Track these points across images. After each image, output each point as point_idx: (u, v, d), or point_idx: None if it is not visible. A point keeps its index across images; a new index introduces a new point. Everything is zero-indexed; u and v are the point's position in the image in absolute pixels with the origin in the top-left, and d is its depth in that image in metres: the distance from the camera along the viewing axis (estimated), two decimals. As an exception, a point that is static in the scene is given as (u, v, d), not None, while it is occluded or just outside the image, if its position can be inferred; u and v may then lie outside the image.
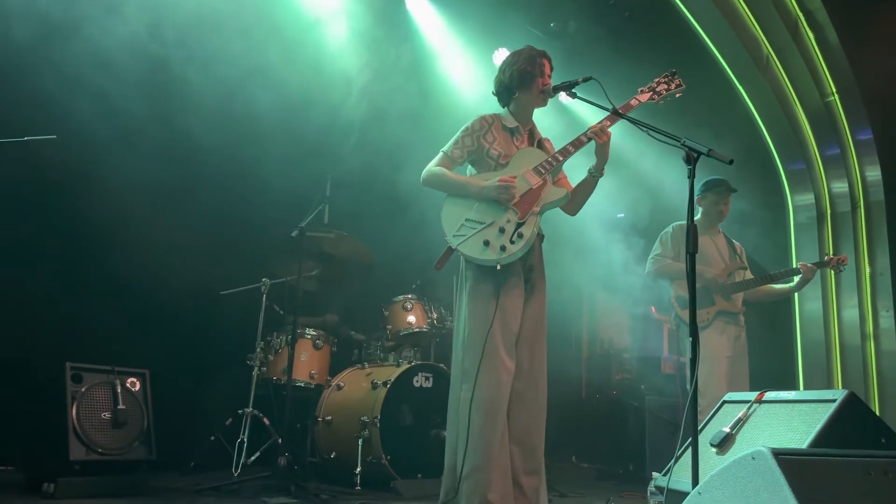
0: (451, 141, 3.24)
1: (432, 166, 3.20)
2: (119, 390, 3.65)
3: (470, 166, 3.32)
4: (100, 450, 3.51)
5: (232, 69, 4.60)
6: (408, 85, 5.46)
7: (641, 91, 3.26)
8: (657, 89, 3.24)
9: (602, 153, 3.18)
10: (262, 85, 4.72)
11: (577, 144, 3.18)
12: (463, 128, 3.26)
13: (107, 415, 3.59)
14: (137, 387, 3.78)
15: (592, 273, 6.14)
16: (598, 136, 3.13)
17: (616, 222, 6.50)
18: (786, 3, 5.76)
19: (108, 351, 3.89)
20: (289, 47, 4.92)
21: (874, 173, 5.94)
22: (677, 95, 3.24)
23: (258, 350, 4.46)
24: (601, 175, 3.23)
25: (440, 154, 3.22)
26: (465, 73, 5.63)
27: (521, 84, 3.27)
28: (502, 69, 3.35)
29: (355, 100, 5.15)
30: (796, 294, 5.88)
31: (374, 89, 5.24)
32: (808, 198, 6.18)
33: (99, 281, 4.40)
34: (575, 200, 3.28)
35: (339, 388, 4.63)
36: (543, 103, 3.32)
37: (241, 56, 4.64)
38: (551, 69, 3.33)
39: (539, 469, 3.12)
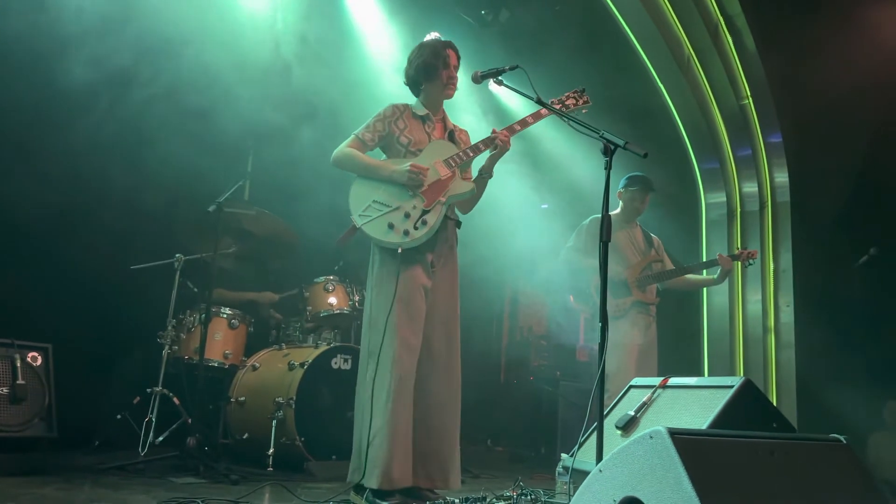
0: (364, 125, 3.32)
1: (343, 147, 3.27)
2: (18, 364, 3.48)
3: (381, 152, 3.39)
4: (-4, 426, 3.36)
5: (150, 38, 4.43)
6: (333, 66, 5.38)
7: (552, 102, 3.37)
8: (566, 102, 3.38)
9: (500, 157, 3.33)
10: (182, 55, 4.56)
11: (487, 143, 3.30)
12: (375, 113, 3.34)
13: (4, 390, 3.42)
14: (39, 361, 3.62)
15: (515, 262, 6.24)
16: (505, 144, 3.28)
17: (540, 212, 6.63)
18: (708, 7, 5.96)
19: (9, 324, 3.69)
20: (210, 19, 4.77)
21: (782, 175, 6.25)
22: (583, 111, 3.39)
23: (169, 328, 4.34)
24: (491, 176, 3.38)
25: (352, 136, 3.29)
26: (393, 56, 5.59)
27: (426, 77, 3.37)
28: (409, 62, 3.44)
29: (279, 76, 5.04)
30: (705, 287, 6.15)
31: (299, 68, 5.15)
32: (720, 196, 6.45)
33: (0, 250, 4.17)
34: (469, 200, 3.41)
35: (254, 368, 4.56)
36: (449, 95, 3.42)
37: (162, 24, 4.46)
38: (458, 60, 3.43)
39: (449, 450, 3.17)
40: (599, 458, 2.48)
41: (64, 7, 4.13)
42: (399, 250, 3.10)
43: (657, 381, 3.08)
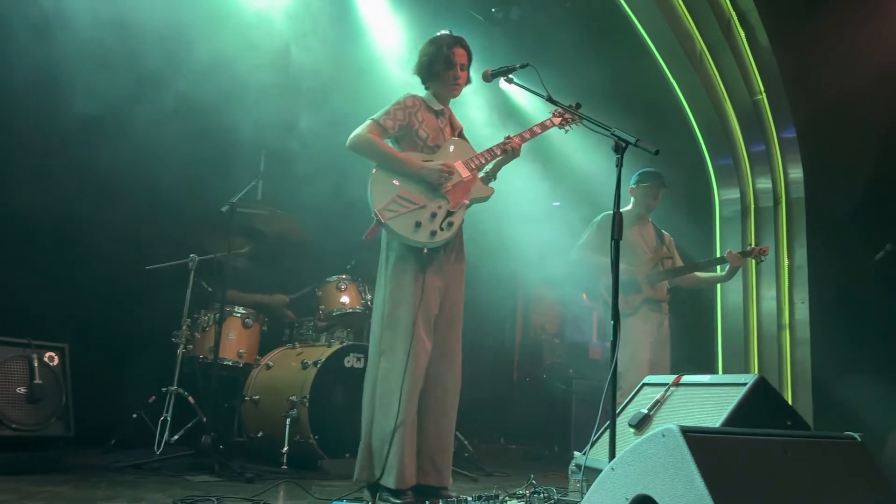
0: (383, 111, 3.20)
1: (363, 132, 3.13)
2: (36, 364, 3.52)
3: (393, 142, 3.30)
4: (13, 425, 3.38)
5: (163, 38, 4.46)
6: (345, 62, 5.40)
7: (553, 114, 3.40)
8: (565, 116, 3.37)
9: (507, 163, 3.35)
10: (192, 55, 4.59)
11: (502, 147, 3.31)
12: (395, 101, 3.25)
13: (22, 389, 3.46)
14: (56, 361, 3.65)
15: (527, 260, 6.24)
16: (516, 151, 3.30)
17: (552, 210, 6.62)
18: (720, 3, 5.92)
19: (26, 324, 3.74)
20: (217, 18, 4.80)
21: (796, 171, 6.19)
22: (572, 127, 3.41)
23: (184, 327, 4.37)
24: (494, 179, 3.39)
25: (370, 122, 3.17)
26: (404, 52, 5.59)
27: (428, 77, 3.34)
28: (418, 57, 3.39)
29: (291, 75, 5.06)
30: (718, 285, 6.12)
31: (309, 65, 5.17)
32: (734, 192, 6.40)
33: (17, 251, 4.22)
34: None
35: (268, 367, 4.59)
36: (454, 94, 3.38)
37: (172, 24, 4.49)
38: (469, 57, 3.35)
39: (449, 447, 3.21)
40: (612, 456, 2.48)
41: (75, 17, 4.16)
42: (424, 251, 3.08)
43: (670, 378, 3.07)
